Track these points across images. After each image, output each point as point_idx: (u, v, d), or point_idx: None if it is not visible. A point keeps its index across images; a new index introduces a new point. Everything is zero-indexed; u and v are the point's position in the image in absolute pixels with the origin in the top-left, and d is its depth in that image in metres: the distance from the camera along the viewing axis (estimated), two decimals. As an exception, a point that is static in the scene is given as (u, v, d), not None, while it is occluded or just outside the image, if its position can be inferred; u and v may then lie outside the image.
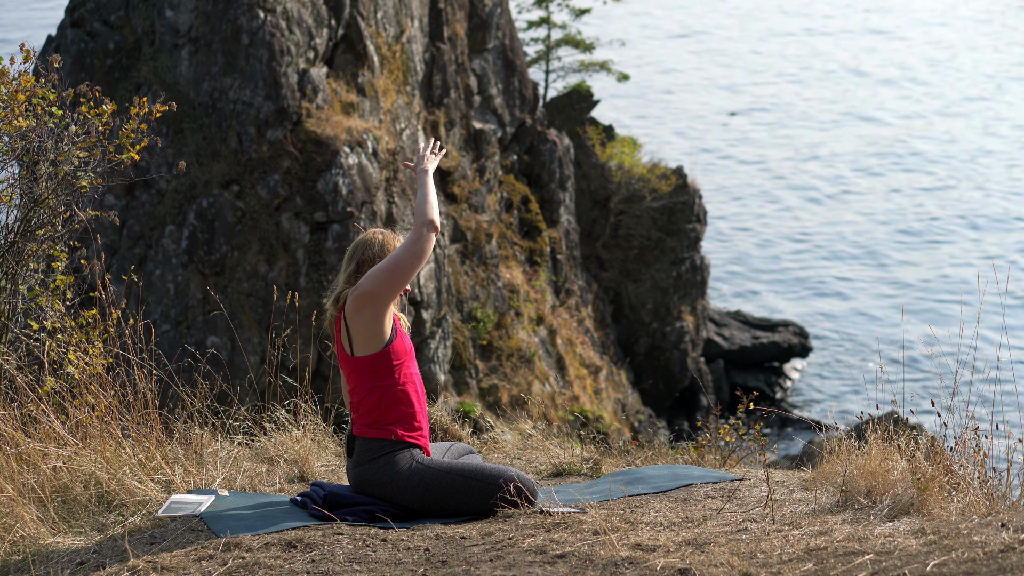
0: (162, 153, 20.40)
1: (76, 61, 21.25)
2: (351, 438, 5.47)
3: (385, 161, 21.45)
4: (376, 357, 5.36)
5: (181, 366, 7.20)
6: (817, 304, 37.20)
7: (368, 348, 5.35)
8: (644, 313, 29.94)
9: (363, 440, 5.41)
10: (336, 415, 9.08)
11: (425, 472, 5.35)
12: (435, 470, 5.36)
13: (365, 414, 5.41)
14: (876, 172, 47.82)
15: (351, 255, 5.46)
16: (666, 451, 7.94)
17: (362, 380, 5.39)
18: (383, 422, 5.38)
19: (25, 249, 6.30)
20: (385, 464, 5.35)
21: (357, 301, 5.29)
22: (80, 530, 5.22)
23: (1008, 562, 3.77)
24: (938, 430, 5.61)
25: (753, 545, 4.48)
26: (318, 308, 19.15)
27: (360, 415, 5.44)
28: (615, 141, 31.17)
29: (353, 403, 5.48)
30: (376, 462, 5.37)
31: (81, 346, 6.20)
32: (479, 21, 26.33)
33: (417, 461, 5.38)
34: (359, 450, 5.41)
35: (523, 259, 25.96)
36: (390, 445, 5.38)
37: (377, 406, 5.37)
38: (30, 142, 6.30)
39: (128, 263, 20.11)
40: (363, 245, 5.46)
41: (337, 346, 5.46)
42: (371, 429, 5.39)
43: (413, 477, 5.34)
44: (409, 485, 5.34)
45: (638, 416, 27.49)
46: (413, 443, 5.43)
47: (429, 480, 5.34)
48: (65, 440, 5.68)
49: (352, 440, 5.46)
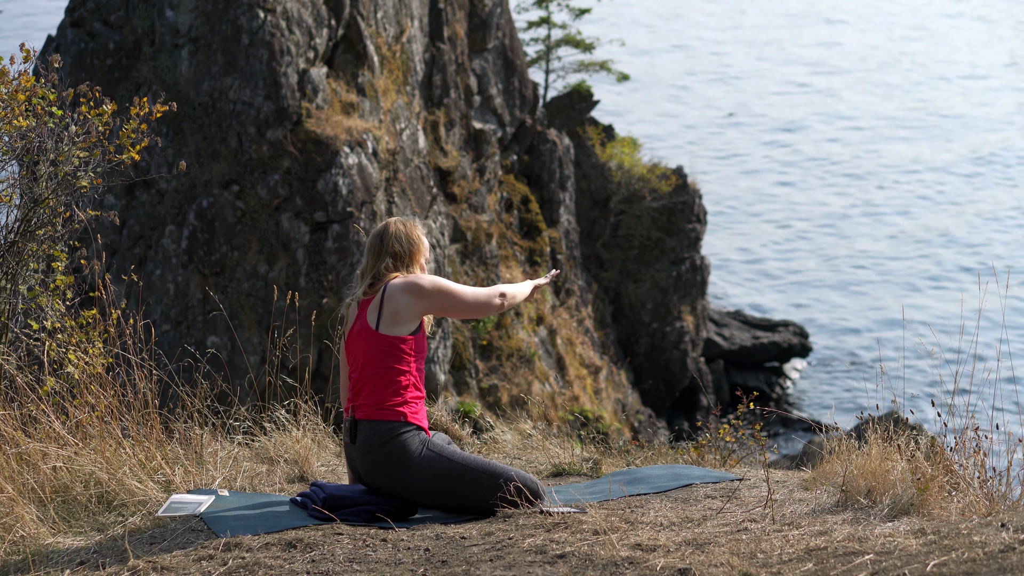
0: (162, 153, 20.40)
1: (76, 61, 21.24)
2: (353, 423, 5.42)
3: (385, 161, 21.45)
4: (399, 339, 5.41)
5: (181, 366, 7.20)
6: (817, 304, 37.20)
7: (395, 330, 5.41)
8: (644, 313, 29.94)
9: (370, 423, 5.36)
10: (336, 415, 9.08)
11: (436, 460, 5.34)
12: (446, 459, 5.35)
13: (371, 394, 5.37)
14: (877, 171, 47.82)
15: (378, 249, 5.54)
16: (666, 451, 7.94)
17: (379, 358, 5.38)
18: (393, 403, 5.37)
19: (25, 249, 6.30)
20: (396, 448, 5.32)
21: (413, 286, 5.43)
22: (80, 530, 5.22)
23: (1008, 562, 3.77)
24: (938, 430, 5.61)
25: (753, 545, 4.48)
26: (318, 308, 19.16)
27: (365, 395, 5.39)
28: (615, 141, 31.17)
29: (358, 386, 5.42)
30: (387, 446, 5.32)
31: (81, 346, 6.20)
32: (479, 21, 26.33)
33: (428, 448, 5.37)
34: (366, 434, 5.36)
35: (523, 259, 25.96)
36: (400, 427, 5.35)
37: (387, 387, 5.37)
38: (30, 142, 6.30)
39: (128, 263, 20.11)
40: (390, 238, 5.54)
41: (355, 326, 5.49)
42: (379, 411, 5.35)
43: (425, 464, 5.33)
44: (420, 471, 5.33)
45: (638, 416, 27.49)
46: (420, 425, 5.42)
47: (440, 468, 5.34)
48: (65, 440, 5.68)
49: (355, 425, 5.41)
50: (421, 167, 22.80)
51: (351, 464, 5.52)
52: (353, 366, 5.51)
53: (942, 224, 42.69)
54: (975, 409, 5.55)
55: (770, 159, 49.45)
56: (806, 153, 50.09)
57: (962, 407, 5.49)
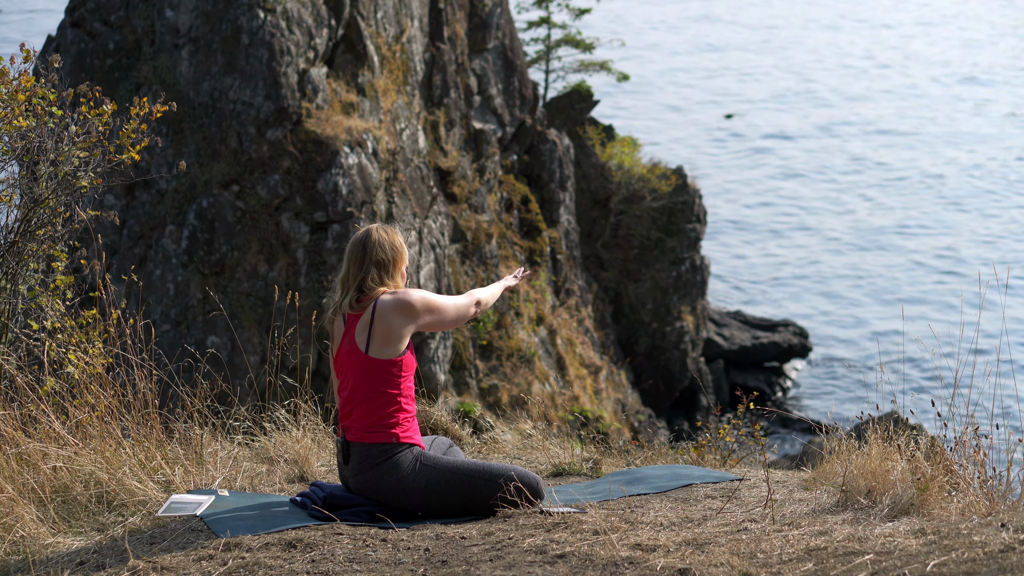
0: (162, 153, 20.40)
1: (76, 61, 21.24)
2: (345, 444, 5.39)
3: (385, 161, 21.45)
4: (388, 363, 5.34)
5: (181, 366, 7.20)
6: (817, 304, 37.20)
7: (384, 353, 5.33)
8: (644, 313, 29.94)
9: (362, 446, 5.34)
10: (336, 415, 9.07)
11: (430, 472, 5.33)
12: (440, 469, 5.34)
13: (361, 417, 5.34)
14: (875, 173, 47.81)
15: (361, 257, 5.40)
16: (666, 451, 7.94)
17: (368, 382, 5.34)
18: (383, 425, 5.34)
19: (25, 249, 6.30)
20: (389, 468, 5.31)
21: (404, 305, 5.33)
22: (80, 530, 5.22)
23: (1008, 562, 3.77)
24: (938, 430, 5.61)
25: (753, 545, 4.48)
26: (318, 308, 19.15)
27: (355, 419, 5.36)
28: (615, 141, 31.17)
29: (348, 407, 5.39)
30: (380, 467, 5.32)
31: (81, 346, 6.20)
32: (479, 21, 26.33)
33: (420, 461, 5.35)
34: (358, 456, 5.35)
35: (523, 259, 25.96)
36: (392, 448, 5.33)
37: (378, 409, 5.34)
38: (30, 142, 6.30)
39: (128, 263, 20.11)
40: (373, 246, 5.40)
41: (343, 344, 5.41)
42: (370, 434, 5.33)
43: (419, 478, 5.32)
44: (415, 487, 5.31)
45: (638, 416, 27.49)
46: (412, 443, 5.41)
47: (435, 479, 5.32)
48: (65, 440, 5.68)
49: (347, 447, 5.38)
50: (421, 167, 22.81)
51: (344, 484, 5.49)
52: (343, 384, 5.44)
53: (942, 224, 42.69)
54: (975, 409, 5.55)
55: (770, 160, 49.44)
56: (805, 152, 50.08)
57: (962, 407, 5.48)
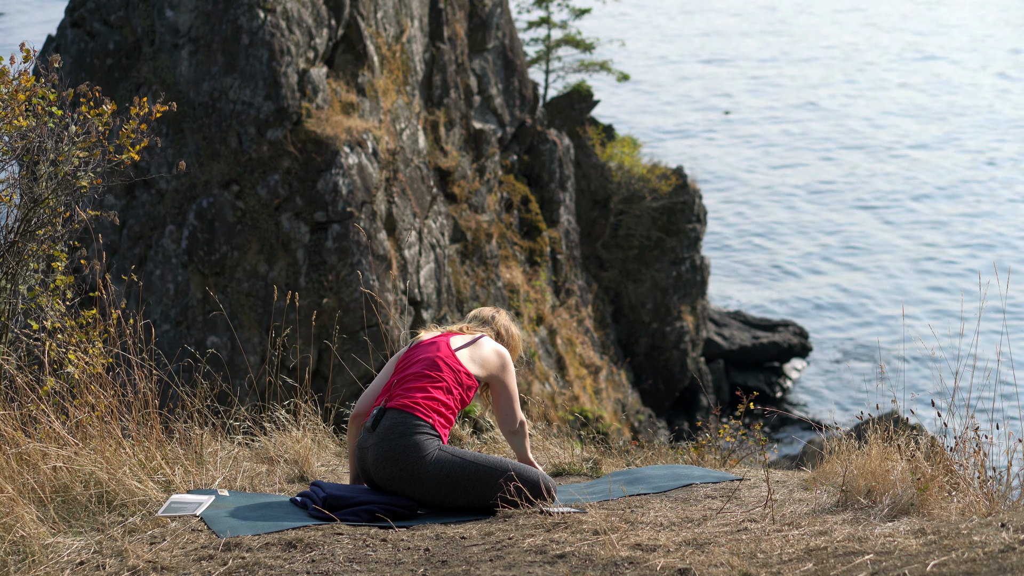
0: (162, 153, 20.39)
1: (76, 61, 21.24)
2: (382, 412, 5.55)
3: (385, 161, 21.45)
4: (467, 373, 5.80)
5: (181, 366, 7.20)
6: (817, 304, 37.20)
7: (476, 373, 5.85)
8: (644, 313, 29.93)
9: (402, 413, 5.51)
10: (336, 415, 9.08)
11: (449, 460, 5.43)
12: (460, 459, 5.45)
13: (418, 391, 5.59)
14: (875, 172, 47.81)
15: (491, 323, 6.16)
16: (666, 451, 7.94)
17: (442, 372, 5.69)
18: (433, 409, 5.56)
19: (25, 249, 6.30)
20: (413, 445, 5.43)
21: (504, 356, 5.97)
22: (80, 530, 5.22)
23: (1008, 562, 3.77)
24: (938, 430, 5.61)
25: (753, 545, 4.48)
26: (318, 308, 19.16)
27: (412, 393, 5.58)
28: (615, 141, 31.16)
29: (408, 383, 5.63)
30: (406, 439, 5.44)
31: (81, 346, 6.20)
32: (479, 21, 26.33)
33: (441, 450, 5.49)
34: (391, 421, 5.49)
35: (523, 259, 25.96)
36: (424, 426, 5.49)
37: (437, 399, 5.60)
38: (30, 142, 6.30)
39: (128, 263, 20.11)
40: (500, 326, 6.17)
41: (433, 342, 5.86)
42: (415, 407, 5.53)
43: (437, 464, 5.42)
44: (431, 472, 5.41)
45: (638, 416, 27.48)
46: (441, 437, 5.59)
47: (453, 468, 5.41)
48: (65, 440, 5.68)
49: (383, 413, 5.54)
50: (421, 167, 22.81)
51: (360, 455, 5.56)
52: (408, 369, 5.74)
53: (942, 224, 42.68)
54: (975, 409, 5.55)
55: (770, 159, 49.43)
56: (806, 153, 50.08)
57: (962, 407, 5.48)
